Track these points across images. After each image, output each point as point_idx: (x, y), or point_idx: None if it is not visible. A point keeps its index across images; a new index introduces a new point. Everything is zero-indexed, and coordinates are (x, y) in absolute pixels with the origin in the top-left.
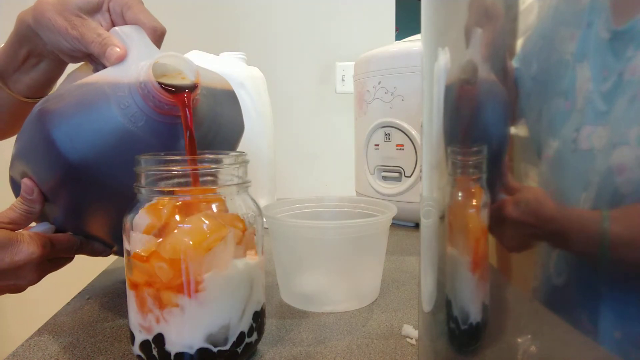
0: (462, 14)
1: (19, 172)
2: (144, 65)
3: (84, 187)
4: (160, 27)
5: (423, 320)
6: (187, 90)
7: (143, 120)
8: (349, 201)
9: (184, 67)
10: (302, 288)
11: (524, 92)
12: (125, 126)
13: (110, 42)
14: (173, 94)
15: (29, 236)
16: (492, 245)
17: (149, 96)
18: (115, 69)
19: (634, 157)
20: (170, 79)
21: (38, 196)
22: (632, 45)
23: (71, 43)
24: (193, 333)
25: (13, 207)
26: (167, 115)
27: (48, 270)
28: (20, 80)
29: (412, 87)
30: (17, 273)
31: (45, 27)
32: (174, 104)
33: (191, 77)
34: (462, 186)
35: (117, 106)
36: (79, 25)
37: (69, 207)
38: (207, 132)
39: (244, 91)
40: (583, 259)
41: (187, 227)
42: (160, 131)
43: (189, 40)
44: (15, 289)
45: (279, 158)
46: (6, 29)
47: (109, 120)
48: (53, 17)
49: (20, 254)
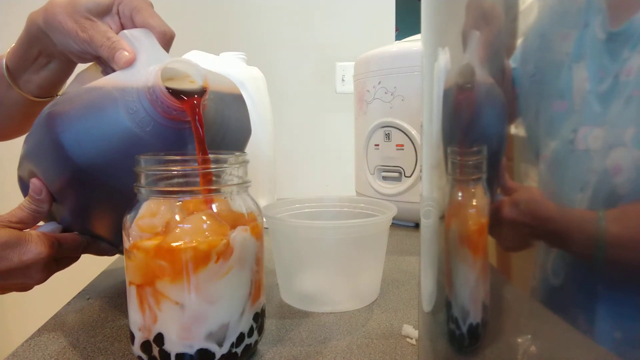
0: (462, 14)
1: (27, 172)
2: (153, 70)
3: (91, 190)
4: (170, 31)
5: (423, 320)
6: (195, 95)
7: (151, 125)
8: (349, 201)
9: (192, 73)
10: (302, 288)
11: (522, 92)
12: (133, 131)
13: (119, 46)
14: (181, 100)
15: (37, 236)
16: (492, 245)
17: (157, 101)
18: (124, 73)
19: (630, 158)
20: (179, 83)
21: (46, 196)
22: (627, 46)
23: (81, 46)
24: (193, 333)
25: (21, 206)
26: (175, 121)
27: (55, 269)
28: (31, 80)
29: (412, 87)
30: (25, 272)
31: (55, 29)
32: (182, 110)
33: (199, 82)
34: (462, 186)
35: (125, 111)
36: (88, 28)
37: (76, 208)
38: (214, 136)
39: (244, 91)
40: (580, 258)
41: (187, 226)
42: (168, 136)
43: (189, 40)
44: (23, 288)
45: (279, 158)
46: (16, 30)
47: (117, 125)
48: (63, 19)
49: (28, 253)
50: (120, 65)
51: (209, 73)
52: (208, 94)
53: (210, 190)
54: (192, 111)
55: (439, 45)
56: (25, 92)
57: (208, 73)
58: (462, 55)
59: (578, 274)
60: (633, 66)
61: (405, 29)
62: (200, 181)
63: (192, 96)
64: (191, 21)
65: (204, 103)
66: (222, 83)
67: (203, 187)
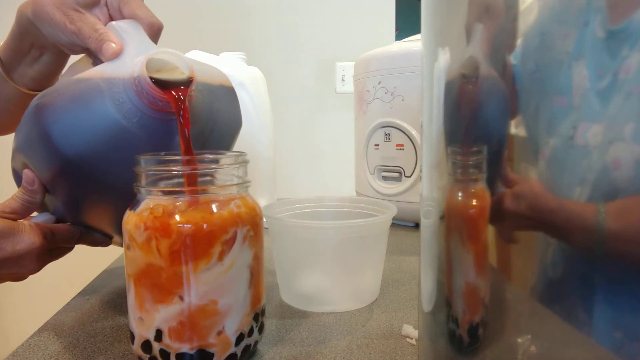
0: (462, 14)
1: (20, 163)
2: (138, 61)
3: (80, 181)
4: (158, 23)
5: (423, 320)
6: (181, 86)
7: (137, 116)
8: (349, 201)
9: (178, 63)
10: (302, 288)
11: (522, 89)
12: (120, 122)
13: (106, 37)
14: (166, 90)
15: (30, 226)
16: (492, 245)
17: (143, 92)
18: (111, 65)
19: (629, 153)
20: (168, 74)
21: (39, 187)
22: (627, 44)
23: (69, 37)
24: (193, 332)
25: (14, 197)
26: (162, 112)
27: (48, 260)
28: (25, 73)
29: (412, 87)
30: (18, 262)
31: (44, 21)
32: (167, 101)
33: (186, 73)
34: (462, 186)
35: (112, 102)
36: (77, 19)
37: (68, 199)
38: (203, 128)
39: (244, 91)
40: (579, 252)
41: (188, 227)
42: (155, 127)
43: (189, 40)
44: (17, 278)
45: (279, 158)
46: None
47: (104, 116)
48: (51, 10)
49: (21, 243)
50: (107, 57)
51: (198, 64)
52: (195, 85)
53: (211, 191)
54: (177, 102)
55: (439, 45)
56: (20, 86)
57: (197, 64)
58: (462, 53)
59: (577, 267)
60: (632, 64)
61: (405, 29)
62: (200, 182)
63: (178, 87)
64: (191, 21)
65: (190, 94)
66: (212, 75)
67: (203, 187)
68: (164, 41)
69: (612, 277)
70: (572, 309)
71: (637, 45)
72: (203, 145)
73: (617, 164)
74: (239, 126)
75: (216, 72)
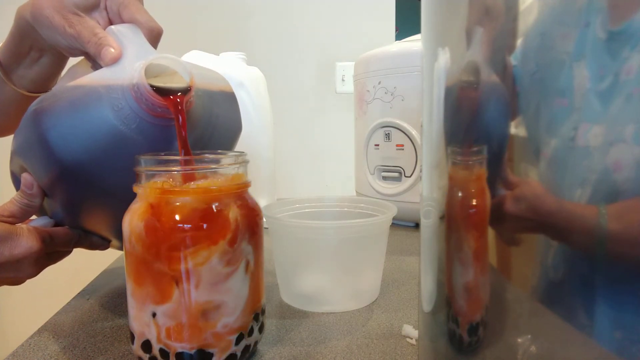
0: (462, 14)
1: (18, 167)
2: (138, 67)
3: (78, 186)
4: (157, 27)
5: (423, 320)
6: (179, 93)
7: (136, 122)
8: (349, 201)
9: (178, 69)
10: (302, 288)
11: (523, 90)
12: (119, 128)
13: (105, 42)
14: (165, 97)
15: (28, 230)
16: (492, 245)
17: (142, 98)
18: (110, 70)
19: (630, 154)
20: (168, 79)
21: (37, 190)
22: (627, 46)
23: (68, 41)
24: (192, 332)
25: (13, 200)
26: (161, 118)
27: (46, 264)
28: (24, 76)
29: (412, 87)
30: (16, 266)
31: (42, 24)
32: (166, 107)
33: (186, 79)
34: (462, 186)
35: (110, 108)
36: (76, 23)
37: (66, 203)
38: (202, 134)
39: (244, 91)
40: (580, 253)
41: (188, 227)
42: (154, 133)
43: (189, 40)
44: (14, 282)
45: (279, 158)
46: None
47: (102, 122)
48: (50, 14)
49: (19, 247)
50: (106, 62)
51: (198, 70)
52: (194, 91)
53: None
54: (175, 108)
55: (439, 45)
56: (19, 88)
57: (197, 70)
58: (463, 53)
59: (578, 268)
60: (633, 65)
61: (405, 29)
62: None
63: (176, 94)
64: (191, 21)
65: (190, 100)
66: (212, 80)
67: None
68: (164, 41)
69: (613, 278)
70: (573, 310)
71: (638, 46)
72: (202, 150)
73: (618, 165)
74: (238, 131)
75: (216, 76)
